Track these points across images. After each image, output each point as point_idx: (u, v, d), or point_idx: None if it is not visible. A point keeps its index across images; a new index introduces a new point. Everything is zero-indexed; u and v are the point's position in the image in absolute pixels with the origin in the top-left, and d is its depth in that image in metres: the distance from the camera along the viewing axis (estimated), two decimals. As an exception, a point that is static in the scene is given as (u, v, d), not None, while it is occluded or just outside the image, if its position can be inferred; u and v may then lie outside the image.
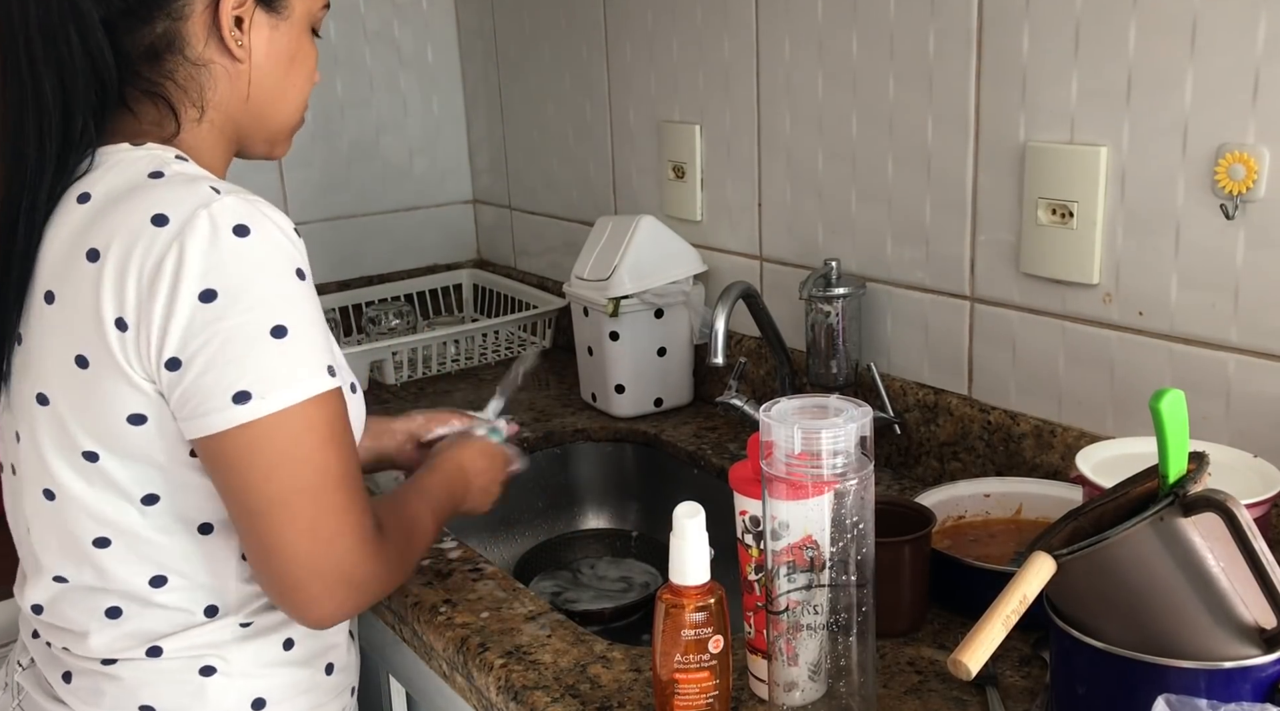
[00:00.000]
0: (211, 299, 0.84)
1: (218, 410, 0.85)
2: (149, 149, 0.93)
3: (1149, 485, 0.81)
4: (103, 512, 0.94)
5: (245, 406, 0.85)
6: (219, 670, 0.97)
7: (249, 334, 0.85)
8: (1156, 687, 0.74)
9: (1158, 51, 1.07)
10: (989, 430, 1.29)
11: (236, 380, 0.85)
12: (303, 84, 1.02)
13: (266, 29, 0.97)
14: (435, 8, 2.16)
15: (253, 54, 0.96)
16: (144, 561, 0.95)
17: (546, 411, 1.71)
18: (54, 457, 0.93)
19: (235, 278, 0.85)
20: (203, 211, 0.85)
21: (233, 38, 0.94)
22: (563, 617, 1.10)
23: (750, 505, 0.92)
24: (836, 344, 1.39)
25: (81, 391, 0.90)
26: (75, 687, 0.99)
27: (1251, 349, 1.07)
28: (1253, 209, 1.04)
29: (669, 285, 1.60)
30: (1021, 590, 0.76)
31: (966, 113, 1.25)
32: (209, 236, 0.85)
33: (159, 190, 0.88)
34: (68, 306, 0.89)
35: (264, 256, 0.86)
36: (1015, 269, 1.24)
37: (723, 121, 1.59)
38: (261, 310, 0.85)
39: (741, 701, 0.95)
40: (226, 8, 0.93)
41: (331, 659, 1.05)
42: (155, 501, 0.93)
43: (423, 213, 2.22)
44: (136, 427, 0.89)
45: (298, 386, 0.86)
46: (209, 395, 0.85)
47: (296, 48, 1.00)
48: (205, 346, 0.85)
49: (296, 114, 1.03)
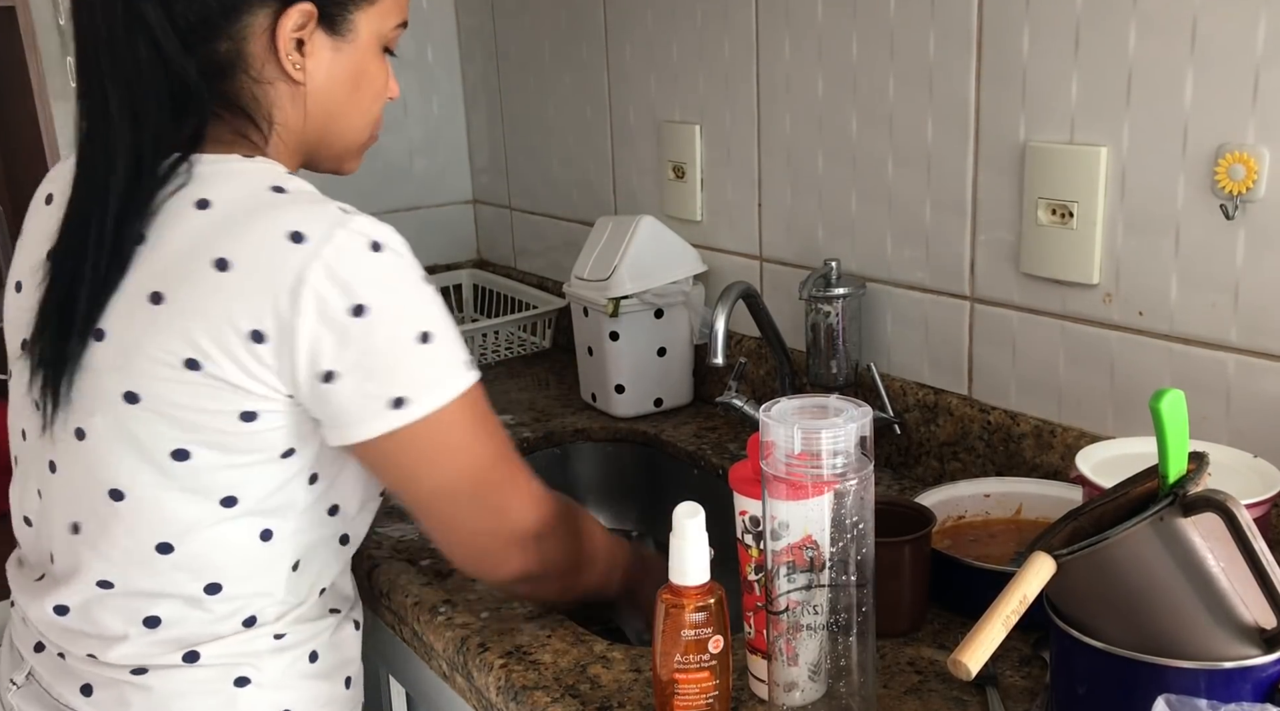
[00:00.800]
0: (361, 313, 0.88)
1: (376, 416, 0.90)
2: (260, 163, 0.95)
3: (1149, 485, 0.81)
4: (177, 515, 0.94)
5: (402, 410, 0.90)
6: (253, 680, 0.98)
7: (400, 344, 0.90)
8: (1156, 687, 0.74)
9: (1158, 51, 1.07)
10: (989, 430, 1.29)
11: (391, 386, 0.90)
12: (369, 103, 1.02)
13: (328, 51, 0.97)
14: (435, 8, 2.16)
15: (314, 76, 0.97)
16: (204, 568, 0.96)
17: (546, 411, 1.71)
18: (131, 456, 0.93)
19: (381, 292, 0.89)
20: (340, 230, 0.89)
21: (290, 61, 0.95)
22: (563, 617, 1.10)
23: (750, 505, 0.92)
24: (836, 344, 1.39)
25: (189, 391, 0.90)
26: (97, 700, 0.98)
27: (1251, 349, 1.07)
28: (1253, 209, 1.04)
29: (669, 285, 1.60)
30: (1021, 590, 0.76)
31: (966, 113, 1.25)
32: (350, 254, 0.88)
33: (290, 208, 0.90)
34: (183, 311, 0.89)
35: (401, 270, 0.91)
36: (1015, 269, 1.24)
37: (723, 121, 1.59)
38: (408, 320, 0.91)
39: (741, 701, 0.95)
40: (284, 31, 0.93)
41: (349, 672, 1.08)
42: (234, 503, 0.95)
43: (423, 213, 2.22)
44: (246, 424, 0.92)
45: (448, 385, 0.92)
46: (366, 403, 0.90)
47: (362, 68, 1.00)
48: (362, 357, 0.89)
49: (365, 132, 1.04)
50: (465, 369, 0.94)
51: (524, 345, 2.00)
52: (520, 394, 1.79)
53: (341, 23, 0.97)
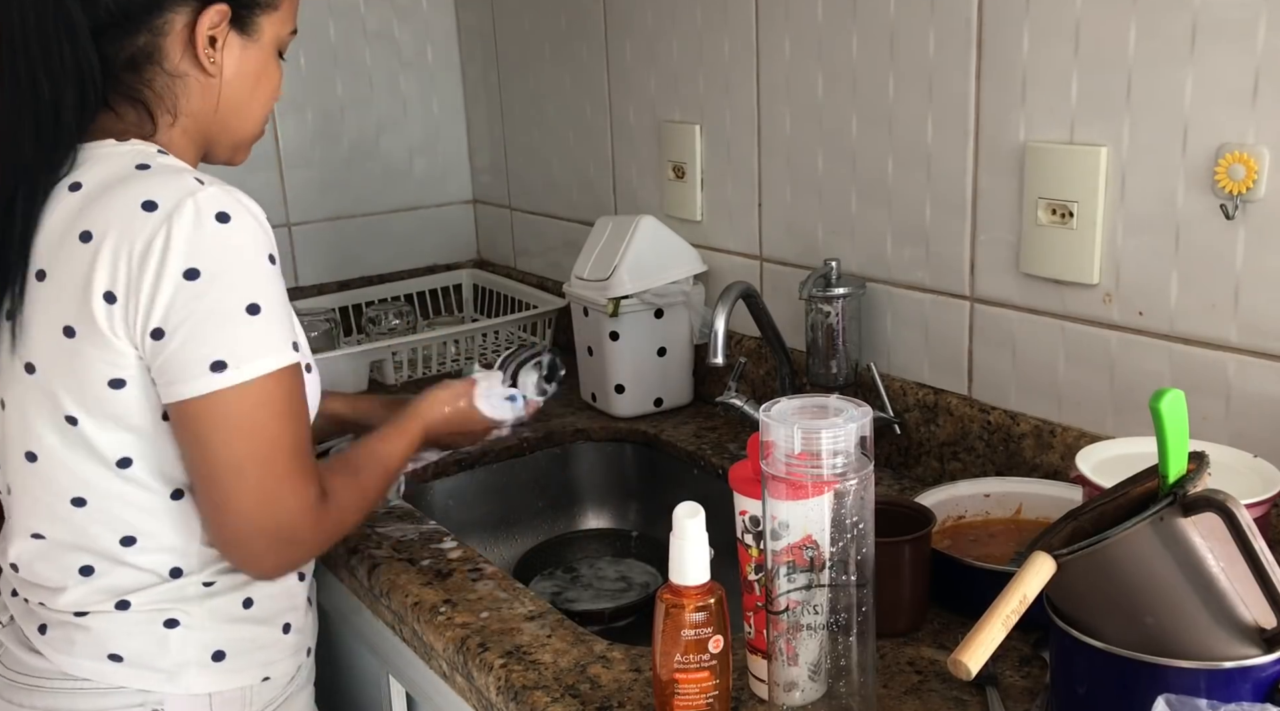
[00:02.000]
0: (195, 277, 0.94)
1: (195, 377, 0.95)
2: (133, 145, 1.02)
3: (1149, 485, 0.81)
4: (80, 473, 1.02)
5: (220, 375, 0.95)
6: (181, 622, 1.05)
7: (227, 310, 0.95)
8: (1156, 687, 0.74)
9: (1158, 51, 1.07)
10: (989, 430, 1.29)
11: (214, 350, 0.94)
12: (266, 100, 1.11)
13: (238, 49, 1.06)
14: (435, 8, 2.16)
15: (224, 70, 1.05)
16: (116, 521, 1.03)
17: (546, 411, 1.70)
18: (38, 422, 1.02)
19: (217, 259, 0.94)
20: (189, 199, 0.95)
21: (206, 55, 1.03)
22: (563, 617, 1.10)
23: (750, 505, 0.92)
24: (836, 344, 1.39)
25: (67, 359, 0.98)
26: (50, 638, 1.06)
27: (1251, 349, 1.07)
28: (1253, 209, 1.04)
29: (669, 285, 1.60)
30: (1021, 590, 0.76)
31: (966, 113, 1.25)
32: (194, 221, 0.94)
33: (148, 180, 0.97)
34: (59, 283, 0.98)
35: (242, 241, 0.96)
36: (1015, 269, 1.24)
37: (723, 121, 1.59)
38: (239, 289, 0.95)
39: (741, 701, 0.95)
40: (203, 27, 1.02)
41: (289, 619, 1.13)
42: (129, 464, 1.01)
43: (423, 213, 2.22)
44: (116, 391, 0.98)
45: (267, 359, 0.96)
46: (188, 363, 0.95)
47: (264, 67, 1.09)
48: (188, 319, 0.94)
49: (258, 126, 1.13)
50: (287, 348, 0.98)
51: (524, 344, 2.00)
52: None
53: (250, 24, 1.06)
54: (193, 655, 1.06)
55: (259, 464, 0.98)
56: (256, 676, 1.10)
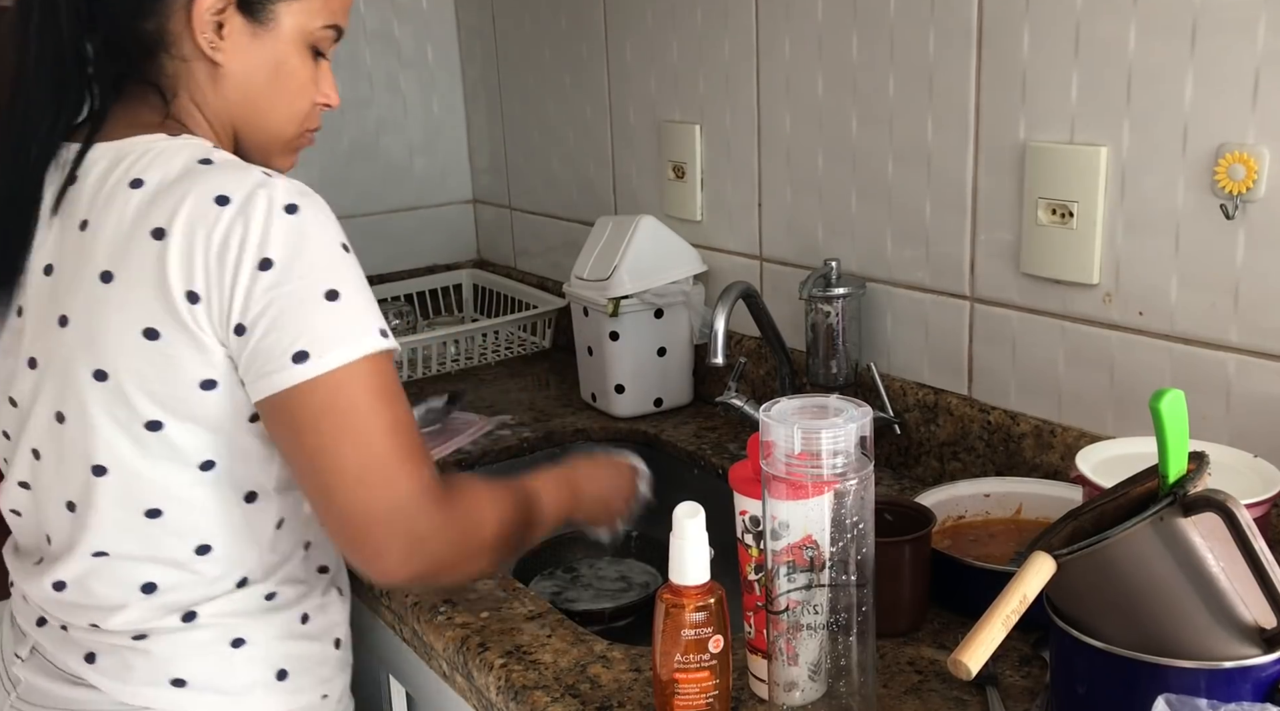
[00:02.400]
0: (269, 267, 0.90)
1: (280, 370, 0.91)
2: (187, 140, 0.98)
3: (1149, 485, 0.81)
4: (159, 482, 0.97)
5: (304, 365, 0.90)
6: (248, 641, 1.02)
7: (304, 297, 0.91)
8: (1156, 687, 0.74)
9: (1158, 51, 1.07)
10: (989, 430, 1.29)
11: (295, 340, 0.90)
12: (291, 98, 1.04)
13: (246, 37, 0.99)
14: (435, 8, 2.16)
15: (230, 59, 1.00)
16: (192, 530, 0.99)
17: (546, 411, 1.71)
18: (111, 431, 0.96)
19: (289, 247, 0.91)
20: (260, 191, 0.92)
21: (206, 40, 0.98)
22: (563, 617, 1.10)
23: (750, 505, 0.92)
24: (836, 344, 1.39)
25: (151, 362, 0.93)
26: (101, 666, 1.01)
27: (1251, 349, 1.07)
28: (1253, 209, 1.04)
29: (669, 285, 1.60)
30: (1021, 590, 0.76)
31: (966, 113, 1.25)
32: (265, 212, 0.91)
33: (216, 174, 0.94)
34: (131, 283, 0.93)
35: (314, 230, 0.93)
36: (1015, 269, 1.24)
37: (723, 121, 1.59)
38: (315, 276, 0.91)
39: (741, 701, 0.95)
40: (200, 9, 0.97)
41: (338, 634, 1.11)
42: (212, 467, 0.98)
43: (423, 213, 2.22)
44: (208, 393, 0.94)
45: (352, 344, 0.92)
46: (270, 356, 0.91)
47: (281, 60, 1.02)
48: (266, 310, 0.90)
49: (289, 127, 1.06)
50: (374, 334, 0.94)
51: (524, 345, 2.00)
52: (520, 394, 1.79)
53: (261, 10, 0.99)
54: (259, 675, 1.03)
55: (357, 449, 0.92)
56: (317, 694, 1.07)
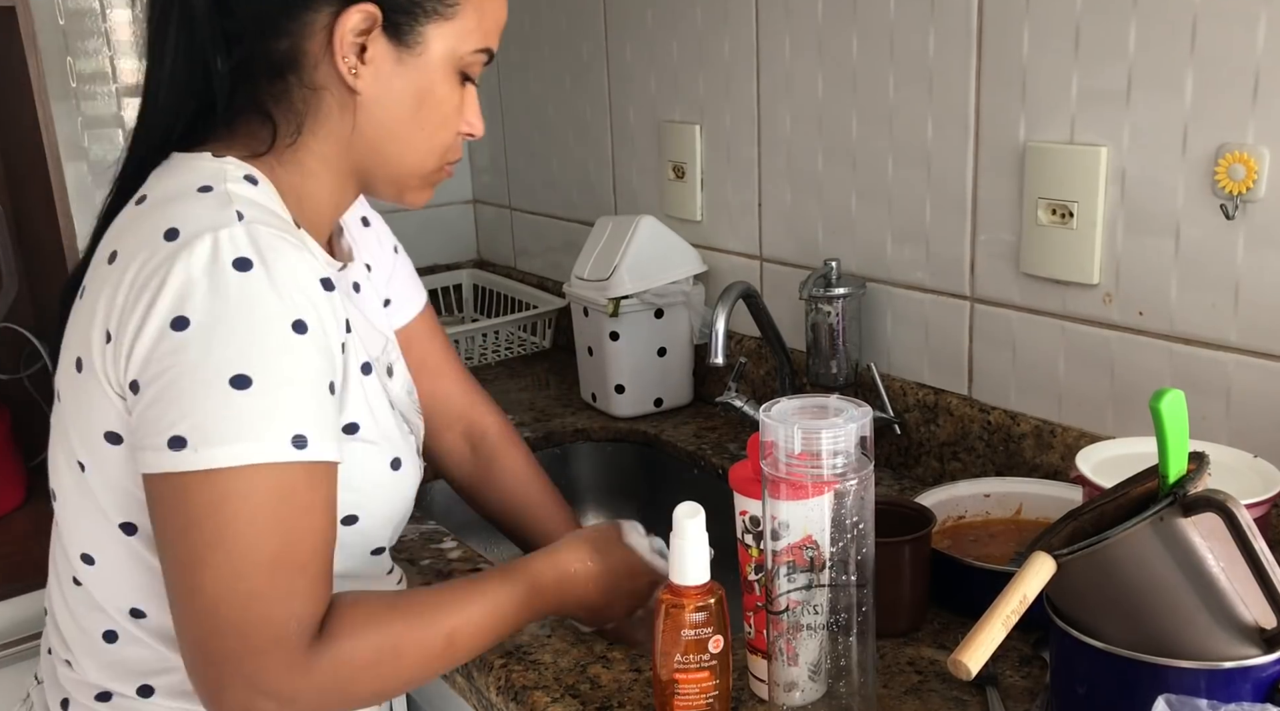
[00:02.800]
0: (183, 327, 0.77)
1: (153, 449, 0.78)
2: (223, 162, 0.87)
3: (1149, 485, 0.81)
4: (87, 527, 0.88)
5: (178, 454, 0.76)
6: None
7: (205, 375, 0.76)
8: (1156, 687, 0.74)
9: (1158, 51, 1.07)
10: (989, 430, 1.29)
11: (176, 422, 0.76)
12: (434, 128, 0.92)
13: (391, 62, 0.88)
14: (435, 8, 2.15)
15: (371, 86, 0.88)
16: (123, 589, 0.88)
17: (546, 411, 1.71)
18: (60, 457, 0.89)
19: (213, 311, 0.77)
20: (209, 234, 0.79)
21: (346, 65, 0.87)
22: (562, 617, 1.10)
23: (750, 505, 0.92)
24: (836, 344, 1.39)
25: (77, 397, 0.85)
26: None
27: (1251, 349, 1.07)
28: (1253, 209, 1.04)
29: (669, 285, 1.60)
30: (1021, 590, 0.76)
31: (966, 113, 1.25)
32: (204, 262, 0.78)
33: (188, 204, 0.82)
34: (84, 306, 0.84)
35: (256, 297, 0.78)
36: (1015, 269, 1.24)
37: (723, 121, 1.59)
38: (229, 352, 0.76)
39: (741, 701, 0.95)
40: (343, 31, 0.86)
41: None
42: (133, 531, 0.86)
43: (423, 213, 2.21)
44: (113, 447, 0.83)
45: (240, 447, 0.76)
46: (150, 430, 0.78)
47: (428, 88, 0.90)
48: (160, 376, 0.77)
49: (430, 160, 0.94)
50: (282, 440, 0.77)
51: (524, 345, 2.00)
52: (520, 394, 1.79)
53: (409, 33, 0.88)
54: None
55: (218, 576, 0.77)
56: None
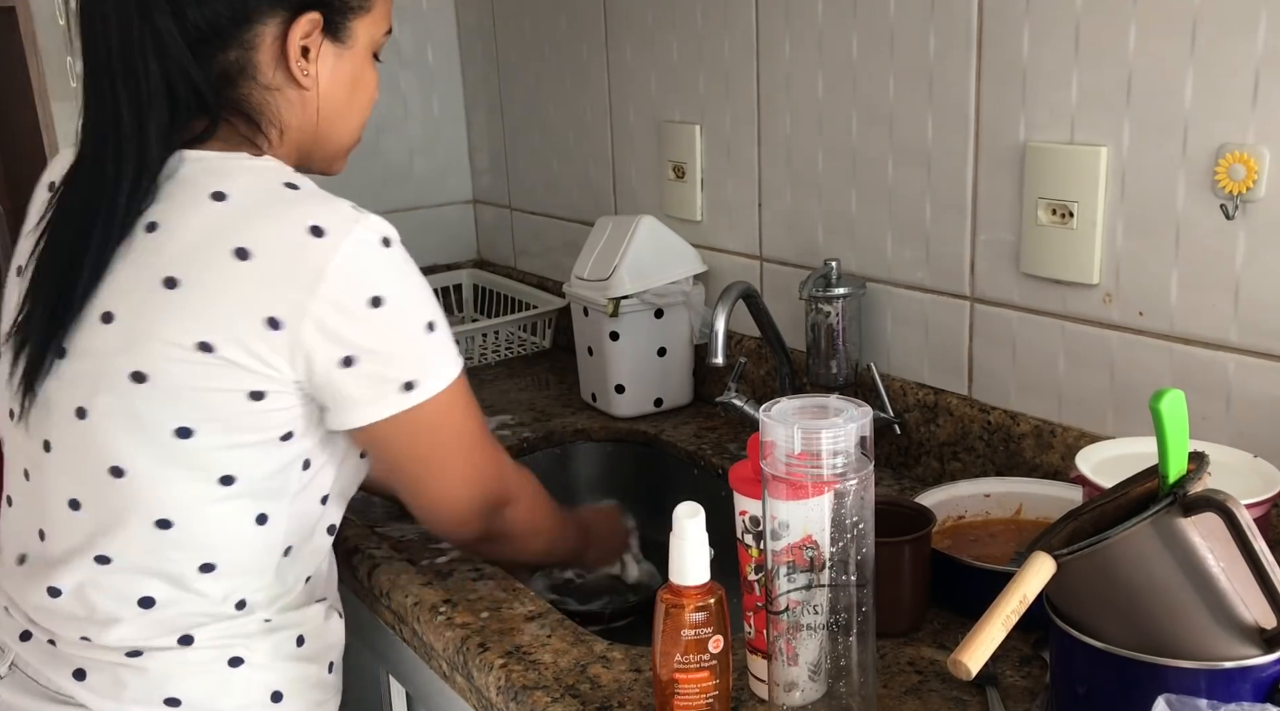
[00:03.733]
0: (380, 304, 0.95)
1: (388, 397, 0.97)
2: (268, 162, 1.00)
3: (1149, 485, 0.81)
4: (177, 491, 0.97)
5: (413, 393, 0.98)
6: (246, 660, 1.02)
7: (412, 332, 0.98)
8: (1156, 687, 0.74)
9: (1158, 51, 1.07)
10: (989, 430, 1.29)
11: (402, 372, 0.97)
12: (364, 106, 1.08)
13: (332, 58, 1.02)
14: (435, 8, 2.16)
15: (319, 82, 1.02)
16: (199, 546, 0.99)
17: (546, 411, 1.71)
18: (137, 434, 0.96)
19: (394, 285, 0.96)
20: (356, 226, 0.94)
21: (299, 67, 1.00)
22: (563, 617, 1.10)
23: (750, 505, 0.92)
24: (836, 344, 1.39)
25: (199, 375, 0.94)
26: (91, 683, 1.00)
27: (1251, 349, 1.07)
28: (1253, 209, 1.04)
29: (669, 285, 1.60)
30: (1021, 590, 0.76)
31: (966, 113, 1.25)
32: (368, 249, 0.94)
33: (307, 203, 0.96)
34: (200, 295, 0.93)
35: (407, 265, 0.98)
36: (1015, 269, 1.24)
37: (723, 121, 1.59)
38: (418, 311, 0.98)
39: (741, 701, 0.95)
40: (294, 38, 0.99)
41: (332, 657, 1.12)
42: (231, 482, 0.98)
43: (423, 213, 2.22)
44: (253, 403, 0.96)
45: (449, 370, 1.01)
46: (380, 386, 0.97)
47: (359, 73, 1.05)
48: (380, 344, 0.96)
49: (356, 133, 1.10)
50: (457, 356, 1.03)
51: (524, 345, 2.00)
52: (520, 394, 1.79)
53: (343, 30, 1.02)
54: (256, 696, 1.03)
55: (464, 455, 1.06)
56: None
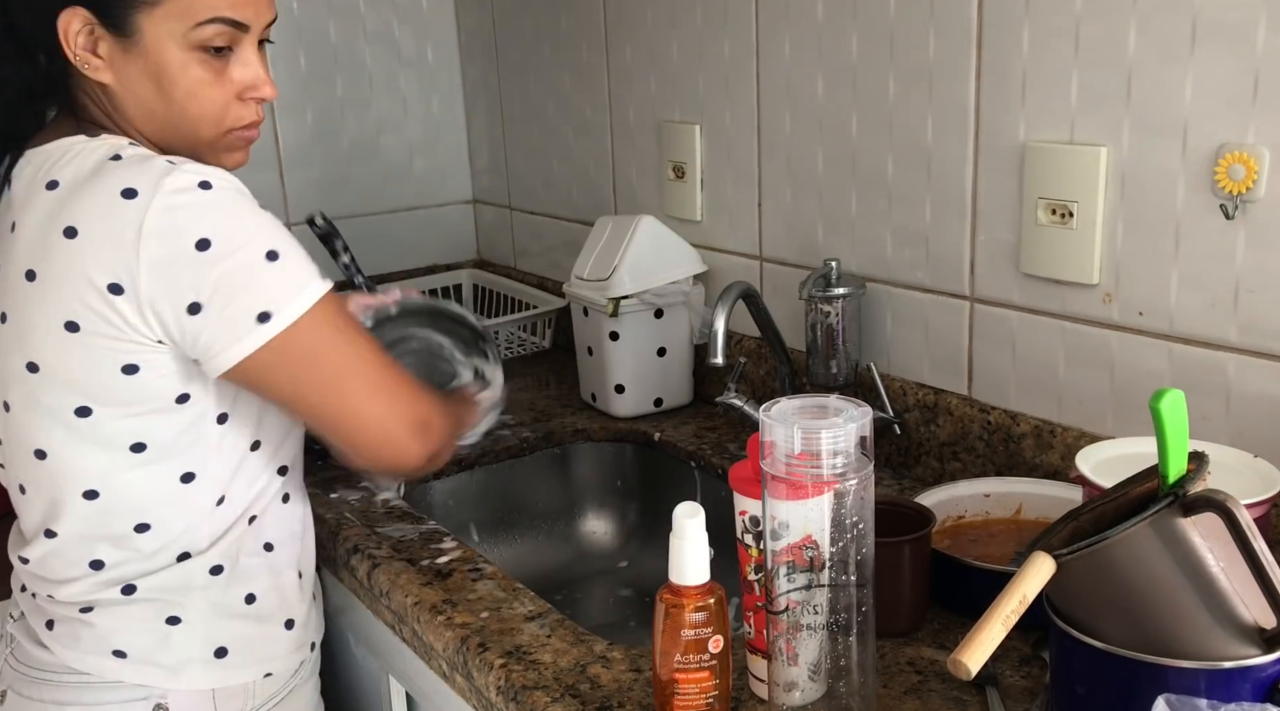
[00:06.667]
0: (207, 246, 0.95)
1: (246, 334, 0.97)
2: (104, 139, 1.02)
3: (1149, 485, 0.81)
4: (91, 465, 1.03)
5: (269, 324, 0.97)
6: (183, 619, 1.08)
7: (251, 264, 0.97)
8: (1156, 687, 0.74)
9: (1158, 51, 1.07)
10: (989, 430, 1.29)
11: (252, 307, 0.97)
12: (185, 103, 1.03)
13: (119, 51, 1.01)
14: (435, 8, 2.16)
15: (113, 77, 1.02)
16: (128, 510, 1.05)
17: (546, 411, 1.71)
18: (46, 419, 1.03)
19: (218, 223, 0.96)
20: (166, 178, 0.96)
21: (81, 61, 1.01)
22: (563, 617, 1.10)
23: (750, 505, 0.92)
24: (836, 344, 1.39)
25: (73, 354, 0.99)
26: (57, 633, 1.08)
27: (1251, 349, 1.07)
28: (1253, 209, 1.04)
29: (669, 285, 1.60)
30: (1021, 590, 0.76)
31: (966, 113, 1.25)
32: (183, 195, 0.95)
33: (122, 169, 0.97)
34: (51, 281, 0.98)
35: (233, 201, 0.98)
36: (1015, 269, 1.24)
37: (723, 121, 1.59)
38: (252, 243, 0.97)
39: (741, 701, 0.95)
40: (69, 35, 1.00)
41: (291, 615, 1.15)
42: (142, 449, 1.03)
43: (423, 213, 2.22)
44: (129, 377, 0.99)
45: (306, 293, 0.99)
46: (234, 324, 0.97)
47: (159, 69, 1.01)
48: (219, 286, 0.96)
49: (202, 129, 1.05)
50: (317, 279, 1.01)
51: (524, 345, 2.00)
52: (520, 394, 1.79)
53: (122, 23, 1.00)
54: (195, 652, 1.09)
55: (354, 374, 1.03)
56: (258, 672, 1.13)
